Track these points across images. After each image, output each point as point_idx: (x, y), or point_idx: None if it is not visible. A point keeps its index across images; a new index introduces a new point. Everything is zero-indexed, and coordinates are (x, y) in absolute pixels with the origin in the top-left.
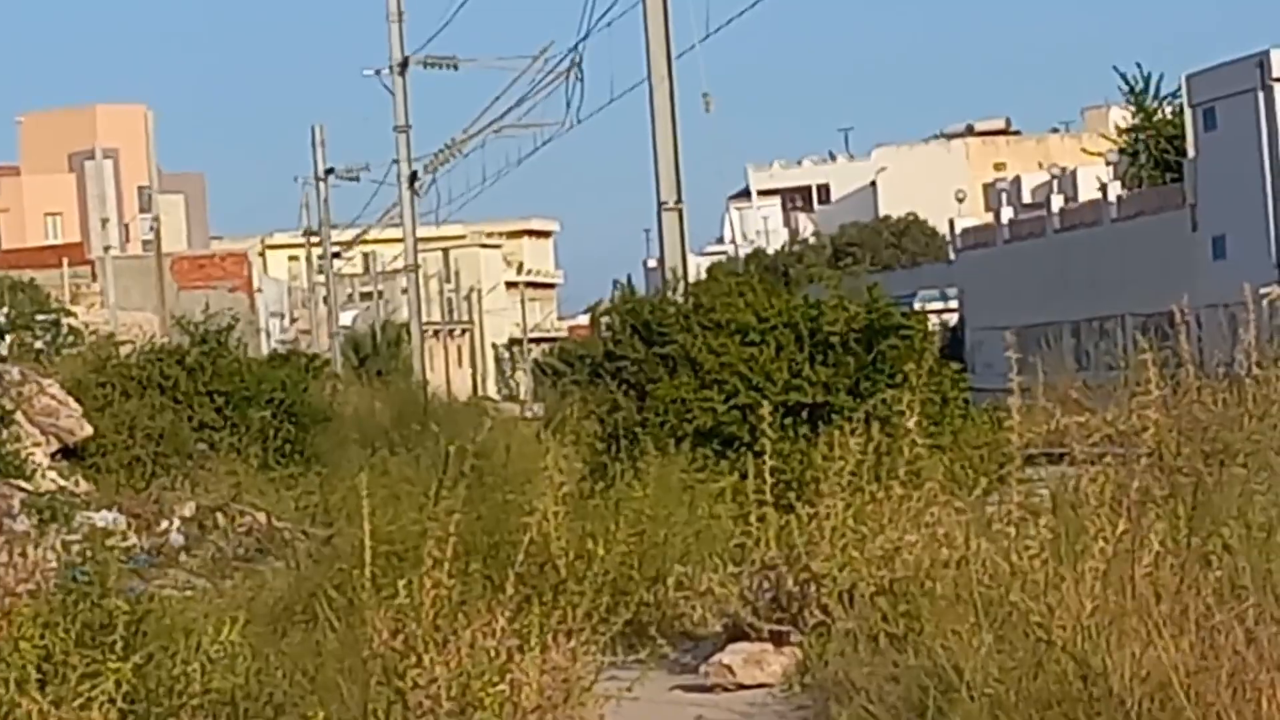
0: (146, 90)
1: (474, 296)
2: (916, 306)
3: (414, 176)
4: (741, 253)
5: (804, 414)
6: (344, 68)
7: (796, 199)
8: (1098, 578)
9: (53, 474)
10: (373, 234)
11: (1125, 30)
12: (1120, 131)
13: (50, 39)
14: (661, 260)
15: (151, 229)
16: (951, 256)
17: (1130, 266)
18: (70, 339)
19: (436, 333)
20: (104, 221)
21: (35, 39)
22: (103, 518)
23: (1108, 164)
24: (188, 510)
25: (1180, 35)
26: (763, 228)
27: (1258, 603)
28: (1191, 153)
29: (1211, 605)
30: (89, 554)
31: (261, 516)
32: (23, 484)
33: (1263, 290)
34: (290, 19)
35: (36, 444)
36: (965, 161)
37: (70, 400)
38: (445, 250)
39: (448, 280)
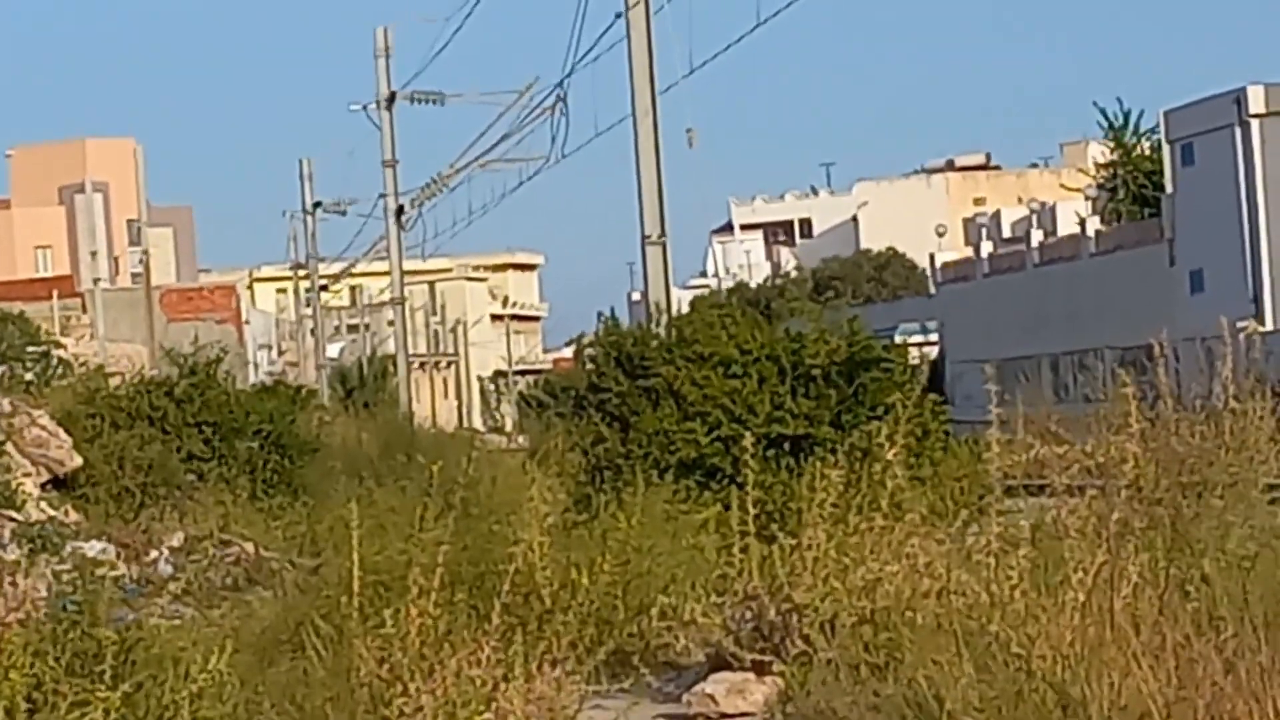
0: (136, 124)
1: (459, 329)
2: (897, 339)
3: (401, 210)
4: (724, 286)
5: (786, 446)
6: (331, 102)
7: (779, 233)
8: (1077, 608)
9: (43, 504)
10: (360, 267)
11: (1104, 67)
12: (1099, 167)
13: (40, 74)
14: (645, 293)
15: (140, 262)
16: (932, 290)
17: (1108, 300)
18: (60, 370)
19: (422, 365)
20: (93, 254)
21: (25, 74)
22: (92, 547)
23: (1086, 199)
24: (176, 540)
25: (1158, 72)
26: (745, 261)
27: (1236, 633)
28: (1169, 188)
29: (1190, 636)
30: (78, 583)
31: (249, 546)
32: (13, 514)
33: (1240, 324)
34: (278, 54)
35: (26, 474)
36: (945, 196)
37: (60, 431)
38: (431, 283)
39: (434, 313)
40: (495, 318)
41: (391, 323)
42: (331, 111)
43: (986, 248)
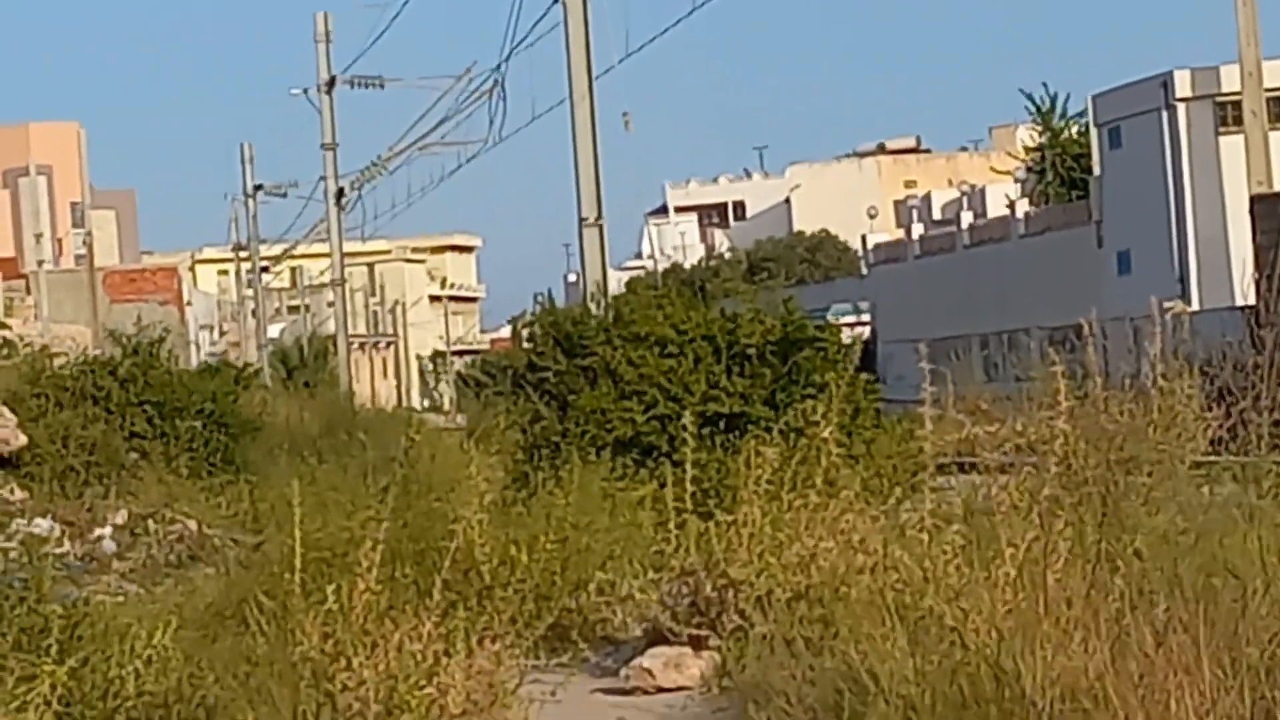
0: (79, 108)
1: (399, 310)
2: (830, 320)
3: (341, 193)
4: (659, 268)
5: (721, 424)
6: (272, 87)
7: (713, 215)
8: (1009, 583)
9: None
10: (300, 249)
11: (1032, 51)
12: (1027, 150)
13: None
14: (582, 275)
15: (84, 244)
16: (864, 271)
17: (1037, 281)
18: (4, 351)
19: (362, 345)
20: (38, 237)
21: None
22: (37, 525)
23: (1016, 181)
24: (120, 518)
25: (1086, 57)
26: (680, 243)
27: (1167, 607)
28: (1097, 171)
29: (1121, 610)
30: (25, 561)
31: (192, 524)
32: None
33: (1166, 304)
34: (220, 39)
35: None
36: (877, 179)
37: (5, 411)
38: (371, 265)
39: (373, 294)
40: (434, 299)
41: (331, 304)
42: (272, 96)
43: (917, 229)
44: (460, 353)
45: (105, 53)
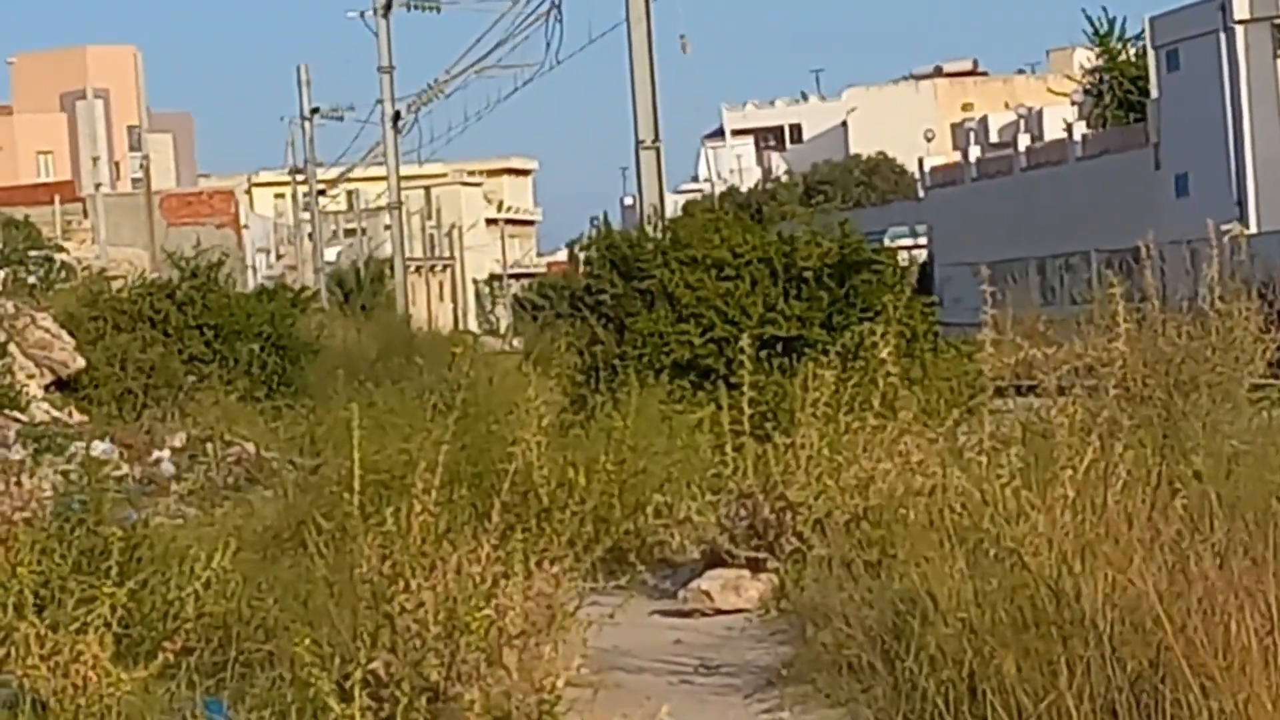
0: (136, 31)
1: (455, 233)
2: (887, 243)
3: (397, 116)
4: (716, 191)
5: (779, 347)
6: (329, 9)
7: (769, 138)
8: (1068, 505)
9: (46, 405)
10: (357, 172)
11: None
12: (1085, 72)
13: None
14: (639, 198)
15: (141, 167)
16: (921, 194)
17: (1095, 204)
18: (63, 274)
19: (419, 268)
20: (95, 160)
21: None
22: (96, 448)
23: (1073, 104)
24: (178, 441)
25: None
26: (736, 166)
27: (1227, 529)
28: (1155, 93)
29: (1181, 531)
30: (84, 483)
31: (250, 446)
32: (18, 415)
33: (1224, 227)
34: None
35: (30, 376)
36: (934, 101)
37: (63, 334)
38: (427, 188)
39: (430, 217)
40: (490, 222)
41: (388, 227)
42: (329, 18)
43: (974, 152)
44: (517, 276)
45: None
